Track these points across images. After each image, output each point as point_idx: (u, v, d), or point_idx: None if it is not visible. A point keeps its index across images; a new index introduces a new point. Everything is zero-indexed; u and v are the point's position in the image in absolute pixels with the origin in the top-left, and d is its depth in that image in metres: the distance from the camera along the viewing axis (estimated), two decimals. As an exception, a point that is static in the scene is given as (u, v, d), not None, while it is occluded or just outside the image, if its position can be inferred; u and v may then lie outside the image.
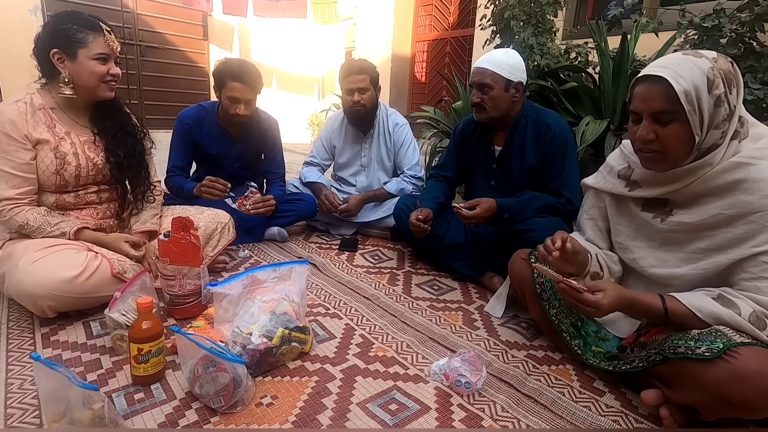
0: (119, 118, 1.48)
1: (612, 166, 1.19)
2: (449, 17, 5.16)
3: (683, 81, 0.92)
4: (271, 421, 0.95)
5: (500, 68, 1.60)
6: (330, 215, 2.25)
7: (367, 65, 2.15)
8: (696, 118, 0.93)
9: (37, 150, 1.31)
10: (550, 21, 2.54)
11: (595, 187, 1.23)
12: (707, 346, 0.86)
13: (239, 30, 6.26)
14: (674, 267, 1.06)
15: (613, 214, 1.19)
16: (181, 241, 1.31)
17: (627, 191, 1.13)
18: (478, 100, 1.65)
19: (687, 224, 1.02)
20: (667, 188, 1.04)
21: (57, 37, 1.29)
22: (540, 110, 1.73)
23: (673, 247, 1.07)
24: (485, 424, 0.98)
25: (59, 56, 1.30)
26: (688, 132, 0.94)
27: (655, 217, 1.08)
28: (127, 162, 1.47)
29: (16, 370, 1.08)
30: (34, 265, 1.19)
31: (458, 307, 1.57)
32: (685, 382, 0.90)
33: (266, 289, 1.23)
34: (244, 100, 1.87)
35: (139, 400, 0.99)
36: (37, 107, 1.32)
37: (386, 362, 1.20)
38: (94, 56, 1.32)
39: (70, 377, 0.82)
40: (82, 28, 1.30)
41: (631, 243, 1.15)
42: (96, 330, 1.26)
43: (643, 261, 1.12)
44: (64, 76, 1.31)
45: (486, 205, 1.60)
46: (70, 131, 1.37)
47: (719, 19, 1.81)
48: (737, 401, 0.82)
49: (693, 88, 0.92)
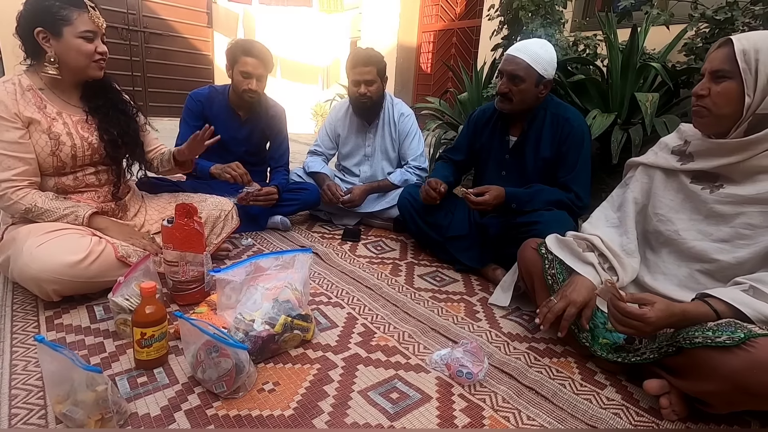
0: (110, 95, 1.45)
1: (666, 143, 1.21)
2: (456, 7, 5.10)
3: (746, 42, 0.97)
4: (273, 407, 0.95)
5: (537, 63, 1.55)
6: (333, 205, 2.24)
7: (374, 57, 2.11)
8: (751, 78, 0.97)
9: (30, 131, 1.28)
10: (559, 12, 2.51)
11: (646, 163, 1.24)
12: (728, 335, 0.86)
13: (244, 18, 6.22)
14: (717, 241, 1.07)
15: (659, 187, 1.20)
16: (185, 227, 1.31)
17: (679, 165, 1.14)
18: (507, 90, 1.60)
19: (739, 196, 1.03)
20: (723, 160, 1.06)
21: (41, 15, 1.24)
22: (560, 104, 1.70)
23: (717, 220, 1.08)
24: (486, 414, 0.98)
25: (44, 35, 1.25)
26: (739, 91, 0.99)
27: (704, 189, 1.10)
28: (122, 140, 1.45)
29: (20, 351, 1.09)
30: (38, 249, 1.19)
31: (460, 298, 1.57)
32: (700, 371, 0.90)
33: (269, 277, 1.23)
34: (256, 74, 1.91)
35: (142, 384, 1.00)
36: (26, 88, 1.29)
37: (388, 351, 1.20)
38: (79, 34, 1.26)
39: (74, 359, 0.83)
40: (65, 5, 1.25)
41: (675, 215, 1.16)
42: (100, 314, 1.27)
43: (686, 233, 1.12)
44: (49, 55, 1.27)
45: (495, 193, 1.59)
46: (62, 111, 1.35)
47: (732, 12, 1.79)
48: (757, 390, 0.82)
49: (753, 50, 0.96)
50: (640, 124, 1.95)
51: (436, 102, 3.22)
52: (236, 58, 1.90)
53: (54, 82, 1.34)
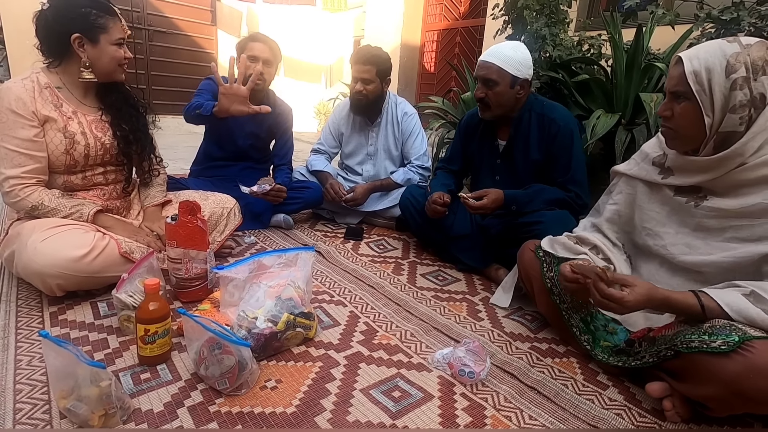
0: (122, 90, 1.49)
1: (647, 153, 1.19)
2: (460, 6, 5.09)
3: (696, 62, 0.95)
4: (275, 404, 0.96)
5: (508, 64, 1.56)
6: (336, 203, 2.24)
7: (377, 57, 2.10)
8: (706, 98, 0.95)
9: (45, 129, 1.30)
10: (563, 11, 2.50)
11: (628, 174, 1.22)
12: (723, 339, 0.85)
13: (248, 16, 6.22)
14: (706, 254, 1.05)
15: (644, 200, 1.18)
16: (188, 224, 1.31)
17: (660, 178, 1.13)
18: (482, 95, 1.62)
19: (724, 210, 1.01)
20: (700, 178, 1.04)
21: (79, 22, 1.28)
22: (545, 103, 1.70)
23: (705, 233, 1.06)
24: (488, 413, 0.98)
25: (80, 41, 1.29)
26: (699, 112, 0.97)
27: (688, 202, 1.08)
28: (133, 136, 1.48)
29: (25, 347, 1.09)
30: (42, 244, 1.19)
31: (463, 297, 1.57)
32: (698, 376, 0.90)
33: (272, 275, 1.23)
34: (262, 58, 1.93)
35: (146, 380, 1.00)
36: (44, 86, 1.31)
37: (390, 350, 1.20)
38: (115, 41, 1.33)
39: (78, 355, 0.83)
40: (102, 13, 1.30)
41: (661, 229, 1.14)
42: (103, 310, 1.27)
43: (673, 248, 1.11)
44: (84, 60, 1.31)
45: (493, 196, 1.59)
46: (77, 111, 1.37)
47: (738, 12, 1.77)
48: (753, 395, 0.82)
49: (704, 70, 0.95)
50: (645, 125, 1.94)
51: (439, 101, 3.21)
52: (244, 46, 1.96)
53: (74, 83, 1.37)
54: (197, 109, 1.81)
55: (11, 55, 4.37)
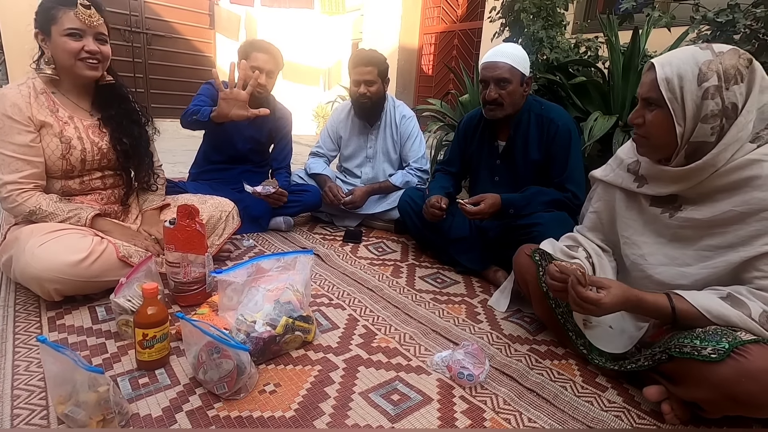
0: (124, 106, 1.47)
1: (622, 159, 1.18)
2: (458, 9, 5.11)
3: (668, 69, 0.94)
4: (274, 408, 0.95)
5: (516, 62, 1.58)
6: (335, 206, 2.25)
7: (376, 57, 2.13)
8: (678, 107, 0.94)
9: (42, 134, 1.30)
10: (560, 14, 2.51)
11: (605, 180, 1.22)
12: (713, 346, 0.85)
13: (246, 19, 6.23)
14: (684, 265, 1.04)
15: (622, 207, 1.18)
16: (187, 228, 1.31)
17: (635, 187, 1.11)
18: (497, 95, 1.61)
19: (697, 220, 1.00)
20: (674, 188, 1.03)
21: (38, 17, 1.28)
22: (543, 104, 1.71)
23: (682, 244, 1.05)
24: (487, 416, 0.98)
25: (41, 36, 1.28)
26: (670, 120, 0.95)
27: (664, 212, 1.07)
28: (133, 150, 1.47)
29: (22, 352, 1.09)
30: (40, 249, 1.19)
31: (461, 300, 1.57)
32: (691, 379, 0.90)
33: (270, 278, 1.23)
34: (265, 69, 1.94)
35: (144, 385, 1.00)
36: (39, 91, 1.31)
37: (389, 353, 1.20)
38: (64, 32, 1.25)
39: (76, 360, 0.83)
40: (55, 4, 1.26)
41: (639, 238, 1.13)
42: (102, 315, 1.27)
43: (651, 258, 1.10)
44: (46, 55, 1.30)
45: (490, 201, 1.59)
46: (73, 115, 1.36)
47: (733, 15, 1.78)
48: (745, 399, 0.82)
49: (676, 77, 0.93)
50: (642, 126, 1.95)
51: (437, 104, 3.22)
52: (247, 53, 1.95)
53: (66, 86, 1.36)
54: (194, 114, 1.81)
55: (9, 60, 4.38)
